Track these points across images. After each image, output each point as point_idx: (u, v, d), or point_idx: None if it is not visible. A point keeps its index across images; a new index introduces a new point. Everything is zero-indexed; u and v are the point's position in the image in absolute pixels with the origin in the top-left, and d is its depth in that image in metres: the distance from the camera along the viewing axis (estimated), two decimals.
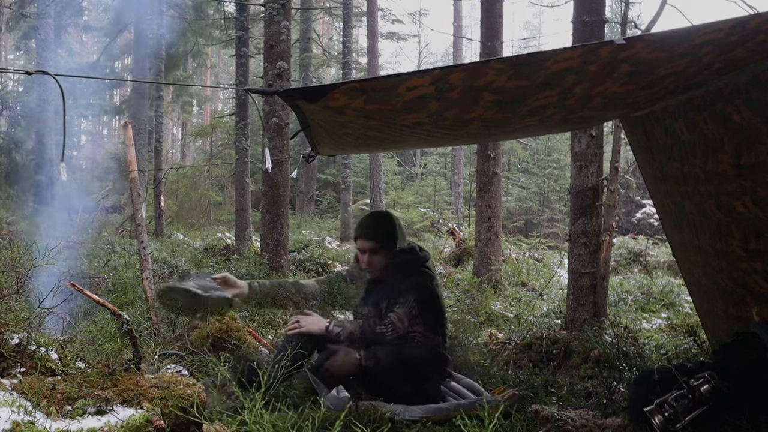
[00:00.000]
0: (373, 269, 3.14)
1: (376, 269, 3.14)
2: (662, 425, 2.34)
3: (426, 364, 3.01)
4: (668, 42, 2.13)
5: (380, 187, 17.74)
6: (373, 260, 3.13)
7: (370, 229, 3.17)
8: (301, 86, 12.15)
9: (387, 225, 3.19)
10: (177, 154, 31.89)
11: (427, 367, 3.01)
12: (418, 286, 3.03)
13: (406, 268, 3.10)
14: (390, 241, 3.14)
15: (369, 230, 3.17)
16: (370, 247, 3.12)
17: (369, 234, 3.15)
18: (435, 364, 3.07)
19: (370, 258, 3.13)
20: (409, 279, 3.05)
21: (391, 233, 3.16)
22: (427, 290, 3.06)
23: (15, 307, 2.25)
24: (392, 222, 3.21)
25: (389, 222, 3.21)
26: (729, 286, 3.31)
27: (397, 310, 2.94)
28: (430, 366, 3.04)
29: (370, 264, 3.13)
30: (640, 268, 11.08)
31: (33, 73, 2.73)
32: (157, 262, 7.37)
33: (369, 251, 3.13)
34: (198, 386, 2.06)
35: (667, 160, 3.49)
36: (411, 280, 3.04)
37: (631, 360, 3.95)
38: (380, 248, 3.12)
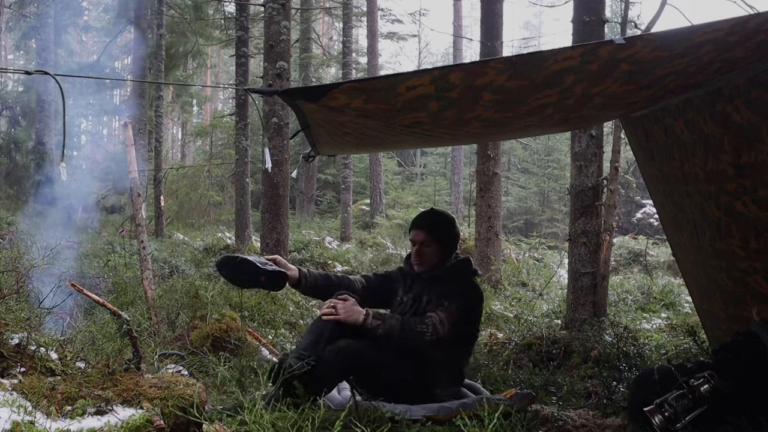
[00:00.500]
0: (422, 262, 3.07)
1: (425, 263, 3.07)
2: (662, 425, 2.34)
3: (444, 370, 2.98)
4: (668, 42, 2.13)
5: (380, 187, 17.75)
6: (423, 252, 3.07)
7: (427, 221, 3.14)
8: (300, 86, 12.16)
9: (444, 222, 3.16)
10: (177, 154, 31.89)
11: (444, 374, 2.99)
12: (466, 296, 2.98)
13: (457, 275, 3.06)
14: (443, 238, 3.10)
15: (425, 222, 3.13)
16: (422, 239, 3.07)
17: (424, 225, 3.11)
18: (453, 374, 3.06)
19: (420, 249, 3.07)
20: (458, 286, 3.00)
21: (446, 230, 3.12)
22: (472, 302, 3.02)
23: (15, 307, 2.25)
24: (450, 221, 3.19)
25: (447, 220, 3.18)
26: (729, 286, 3.31)
27: (440, 312, 2.85)
28: (448, 374, 3.02)
29: (420, 255, 3.07)
30: (640, 268, 11.09)
31: (33, 73, 2.72)
32: (157, 262, 7.37)
33: (421, 243, 3.08)
34: (198, 386, 2.06)
35: (667, 160, 3.49)
36: (460, 287, 2.99)
37: (631, 360, 3.95)
38: (432, 242, 3.07)
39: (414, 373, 2.87)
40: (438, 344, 2.80)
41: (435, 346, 2.80)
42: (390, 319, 2.85)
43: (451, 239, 3.14)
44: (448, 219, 3.20)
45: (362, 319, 2.80)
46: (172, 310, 4.51)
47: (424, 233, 3.08)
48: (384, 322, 2.82)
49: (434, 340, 2.78)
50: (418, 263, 3.09)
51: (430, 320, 2.82)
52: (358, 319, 2.80)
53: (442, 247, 3.09)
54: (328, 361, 2.73)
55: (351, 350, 2.77)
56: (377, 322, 2.81)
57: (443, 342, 2.81)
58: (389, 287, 3.23)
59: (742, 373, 2.53)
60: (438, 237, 3.09)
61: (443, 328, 2.80)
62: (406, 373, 2.85)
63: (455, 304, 2.90)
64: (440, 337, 2.79)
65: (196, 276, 6.50)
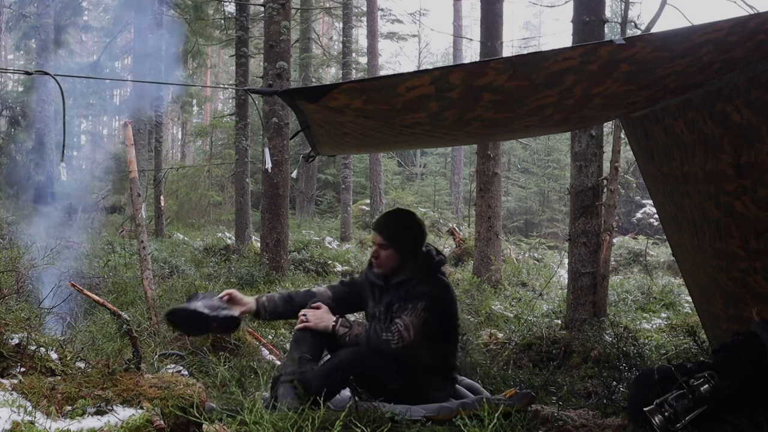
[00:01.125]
0: (381, 265, 3.03)
1: (383, 266, 3.02)
2: (662, 425, 2.34)
3: (432, 371, 2.96)
4: (668, 42, 2.13)
5: (380, 187, 17.74)
6: (380, 255, 3.01)
7: (384, 223, 3.09)
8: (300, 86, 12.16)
9: (401, 224, 3.07)
10: (177, 154, 31.88)
11: (433, 375, 2.96)
12: (429, 294, 2.91)
13: (419, 273, 2.99)
14: (402, 240, 3.02)
15: (382, 224, 3.07)
16: (379, 242, 3.02)
17: (381, 227, 3.06)
18: (443, 371, 3.03)
19: (377, 251, 3.02)
20: (421, 285, 2.94)
21: (404, 232, 3.04)
22: (437, 299, 2.94)
23: (15, 307, 2.25)
24: (409, 221, 3.09)
25: (406, 221, 3.09)
26: (729, 286, 3.31)
27: (405, 317, 2.80)
28: (437, 373, 2.99)
29: (377, 258, 3.03)
30: (640, 268, 11.09)
31: (33, 73, 2.73)
32: (157, 262, 7.37)
33: (379, 245, 3.02)
34: (198, 386, 2.06)
35: (666, 160, 3.49)
36: (423, 287, 2.93)
37: (631, 360, 3.95)
38: (388, 245, 3.00)
39: (408, 376, 2.86)
40: (406, 350, 2.76)
41: (403, 352, 2.76)
42: (357, 326, 2.85)
43: (410, 242, 3.03)
44: (407, 220, 3.09)
45: (332, 326, 2.82)
46: None
47: (380, 236, 3.02)
48: (351, 329, 2.82)
49: (401, 347, 2.74)
50: (377, 265, 3.04)
51: (395, 327, 2.77)
52: (328, 326, 2.82)
53: (400, 250, 3.00)
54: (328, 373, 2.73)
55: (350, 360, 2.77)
56: (345, 330, 2.82)
57: (411, 347, 2.77)
58: (358, 294, 3.18)
59: (742, 373, 2.53)
60: (393, 240, 3.00)
61: (409, 333, 2.75)
62: (402, 376, 2.84)
63: (420, 305, 2.84)
64: (407, 343, 2.75)
65: (196, 276, 6.50)
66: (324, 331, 2.83)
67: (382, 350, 2.76)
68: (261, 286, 6.45)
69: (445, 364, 3.04)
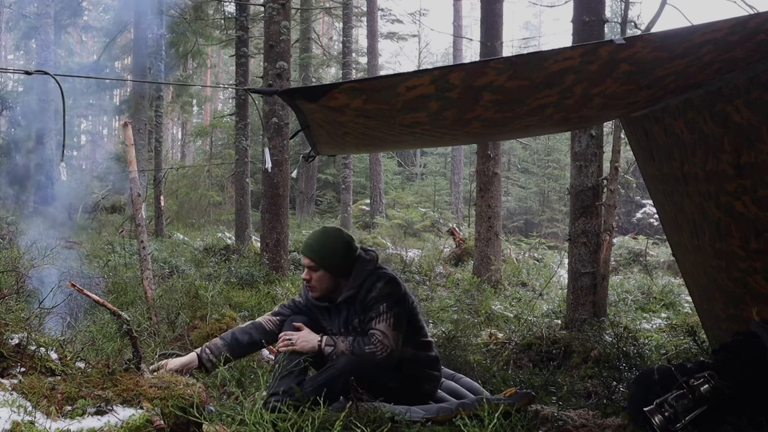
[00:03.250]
0: (314, 288, 2.97)
1: (317, 289, 2.97)
2: (662, 425, 2.34)
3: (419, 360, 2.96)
4: (668, 42, 2.13)
5: (380, 187, 17.75)
6: (312, 277, 2.96)
7: (311, 246, 2.98)
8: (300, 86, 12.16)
9: (328, 243, 2.98)
10: (177, 154, 31.89)
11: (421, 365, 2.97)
12: (385, 293, 2.86)
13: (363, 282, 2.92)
14: (331, 261, 2.94)
15: (309, 247, 2.98)
16: (308, 264, 2.96)
17: (308, 251, 2.97)
18: (423, 366, 3.01)
19: (309, 275, 2.96)
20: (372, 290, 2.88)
21: (331, 253, 2.96)
22: (393, 294, 2.89)
23: (15, 307, 2.25)
24: (335, 240, 3.00)
25: (331, 241, 3.00)
26: (729, 286, 3.31)
27: (378, 326, 2.77)
28: (423, 362, 2.99)
29: (309, 281, 2.96)
30: (640, 268, 11.09)
31: (33, 73, 2.72)
32: (157, 262, 7.38)
33: (308, 268, 2.97)
34: (198, 386, 2.06)
35: (666, 160, 3.49)
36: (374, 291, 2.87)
37: (631, 360, 3.95)
38: (319, 267, 2.94)
39: (402, 372, 2.87)
40: (391, 357, 2.76)
41: (389, 359, 2.76)
42: (341, 342, 2.81)
43: (339, 262, 2.96)
44: (332, 240, 3.00)
45: (318, 345, 2.80)
46: (172, 310, 4.50)
47: (308, 259, 2.96)
48: (336, 347, 2.79)
49: (386, 356, 2.73)
50: (310, 289, 2.99)
51: (374, 338, 2.75)
52: (314, 347, 2.80)
53: (331, 271, 2.94)
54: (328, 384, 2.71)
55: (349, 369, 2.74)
56: (330, 348, 2.79)
57: (395, 351, 2.77)
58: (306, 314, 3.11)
59: (742, 373, 2.53)
60: (322, 262, 2.94)
61: (388, 340, 2.74)
62: (397, 373, 2.85)
63: (382, 307, 2.81)
64: (391, 350, 2.74)
65: (196, 276, 6.50)
66: (310, 352, 2.80)
67: (369, 363, 2.74)
68: (261, 286, 6.45)
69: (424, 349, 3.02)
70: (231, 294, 5.51)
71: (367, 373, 2.75)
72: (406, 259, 9.81)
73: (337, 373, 2.75)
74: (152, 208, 13.06)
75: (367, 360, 2.73)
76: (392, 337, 2.75)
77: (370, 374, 2.76)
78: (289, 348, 2.82)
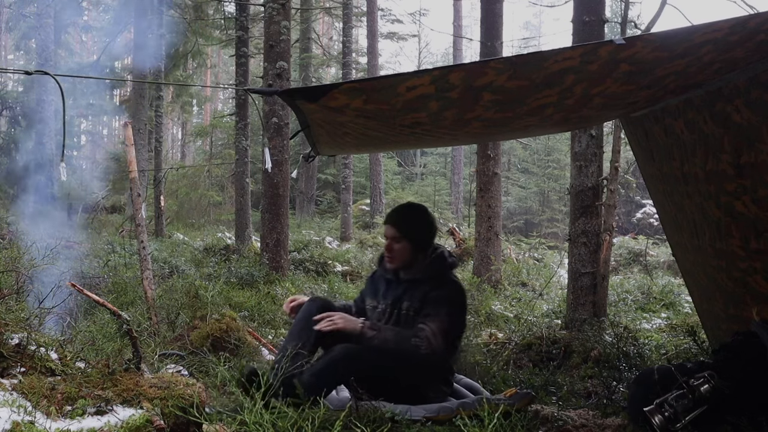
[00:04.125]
0: (394, 259, 3.02)
1: (396, 259, 3.02)
2: (662, 425, 2.34)
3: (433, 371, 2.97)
4: (668, 42, 2.13)
5: (380, 187, 17.75)
6: (393, 248, 3.01)
7: (397, 216, 3.07)
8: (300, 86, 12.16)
9: (415, 217, 3.07)
10: (177, 154, 31.89)
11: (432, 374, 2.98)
12: (449, 299, 2.94)
13: (437, 275, 3.00)
14: (414, 234, 3.02)
15: (395, 217, 3.06)
16: (392, 235, 3.02)
17: (393, 220, 3.05)
18: (441, 372, 3.04)
19: (391, 245, 3.02)
20: (439, 289, 2.94)
21: (417, 226, 3.04)
22: (457, 304, 2.97)
23: (15, 307, 2.25)
24: (422, 216, 3.09)
25: (419, 215, 3.09)
26: (729, 286, 3.31)
27: (430, 324, 2.80)
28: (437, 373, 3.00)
29: (390, 251, 3.02)
30: (640, 268, 11.08)
31: (33, 73, 2.73)
32: (157, 262, 7.37)
33: (391, 239, 3.02)
34: (198, 386, 2.06)
35: (666, 160, 3.49)
36: (441, 290, 2.94)
37: (631, 360, 3.95)
38: (402, 238, 3.00)
39: (406, 374, 2.87)
40: (434, 355, 2.79)
41: (431, 357, 2.79)
42: (386, 330, 2.85)
43: (423, 235, 3.05)
44: (420, 213, 3.10)
45: (359, 327, 2.82)
46: (172, 310, 4.50)
47: (394, 229, 3.02)
48: (380, 332, 2.82)
49: (429, 353, 2.76)
50: (389, 259, 3.04)
51: (423, 333, 2.77)
52: (356, 328, 2.82)
53: (413, 243, 3.01)
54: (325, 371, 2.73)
55: (345, 356, 2.76)
56: (372, 332, 2.81)
57: (438, 353, 2.80)
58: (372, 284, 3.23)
59: (742, 373, 2.53)
60: (407, 233, 3.00)
61: (436, 340, 2.77)
62: (400, 375, 2.85)
63: (442, 311, 2.85)
64: (435, 349, 2.77)
65: (196, 276, 6.49)
66: (351, 332, 2.81)
67: (410, 355, 2.77)
68: (261, 286, 6.45)
69: (443, 366, 3.04)
70: (231, 294, 5.51)
71: (364, 362, 2.76)
72: None
73: (333, 360, 2.76)
74: (152, 208, 13.06)
75: (409, 352, 2.77)
76: (440, 340, 2.79)
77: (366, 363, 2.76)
78: (331, 327, 2.81)
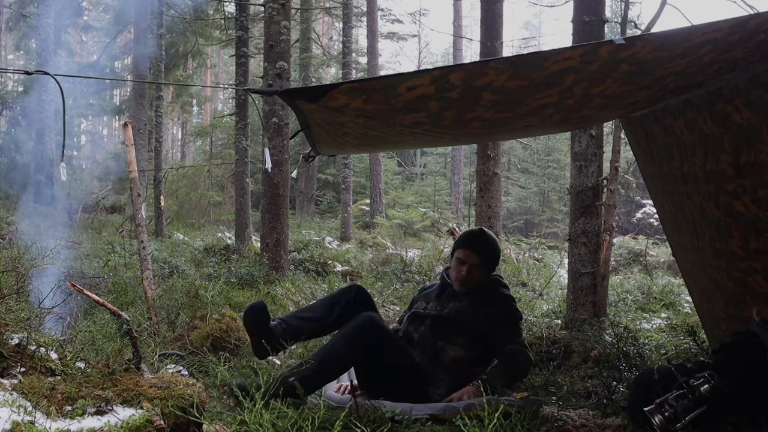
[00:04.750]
0: (467, 284, 3.16)
1: (469, 284, 3.16)
2: (662, 425, 2.34)
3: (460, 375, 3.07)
4: (668, 42, 2.13)
5: (380, 187, 17.75)
6: (472, 274, 3.15)
7: (479, 243, 3.21)
8: (300, 86, 12.16)
9: (494, 245, 3.26)
10: (177, 154, 31.89)
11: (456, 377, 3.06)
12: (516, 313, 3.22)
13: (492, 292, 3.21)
14: (493, 263, 3.25)
15: (478, 245, 3.21)
16: (475, 262, 3.15)
17: (476, 248, 3.19)
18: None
19: (470, 272, 3.15)
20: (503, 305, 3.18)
21: (495, 254, 3.25)
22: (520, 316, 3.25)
23: (15, 307, 2.25)
24: (497, 244, 3.31)
25: (495, 243, 3.29)
26: (729, 286, 3.31)
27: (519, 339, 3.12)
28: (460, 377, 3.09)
29: (468, 277, 3.15)
30: (640, 268, 11.08)
31: (33, 73, 2.73)
32: (157, 262, 7.37)
33: (471, 266, 3.15)
34: (198, 386, 2.06)
35: (666, 160, 3.49)
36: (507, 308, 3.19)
37: (631, 360, 3.94)
38: (482, 266, 3.18)
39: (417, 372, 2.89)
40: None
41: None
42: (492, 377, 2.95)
43: (496, 261, 3.28)
44: (495, 242, 3.30)
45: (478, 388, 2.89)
46: (172, 310, 4.50)
47: (476, 256, 3.16)
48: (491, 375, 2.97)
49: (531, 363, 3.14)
50: (464, 283, 3.17)
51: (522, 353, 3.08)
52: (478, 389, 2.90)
53: (489, 268, 3.23)
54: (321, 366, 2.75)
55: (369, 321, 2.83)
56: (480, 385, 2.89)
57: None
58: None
59: (742, 373, 2.53)
60: (488, 262, 3.21)
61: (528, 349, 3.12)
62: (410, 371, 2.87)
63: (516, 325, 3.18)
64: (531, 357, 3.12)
65: (196, 276, 6.49)
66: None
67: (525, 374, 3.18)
68: (261, 286, 6.45)
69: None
70: (231, 294, 5.50)
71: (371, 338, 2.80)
72: (406, 259, 9.80)
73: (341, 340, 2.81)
74: (152, 208, 13.06)
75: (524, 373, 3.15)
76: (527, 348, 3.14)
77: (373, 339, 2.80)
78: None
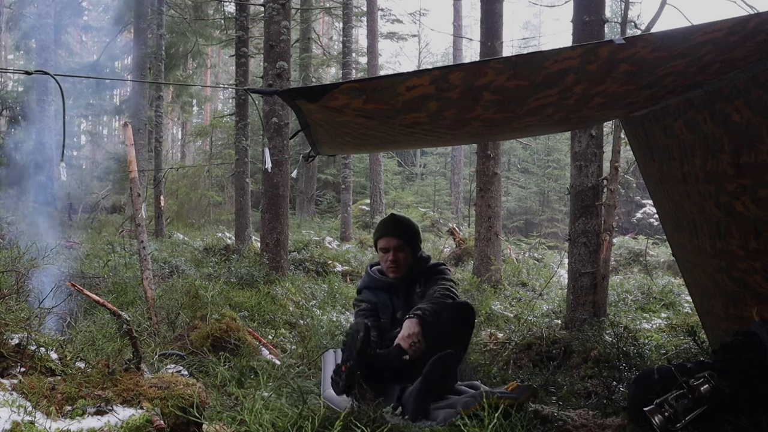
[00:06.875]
0: (398, 268, 3.20)
1: (400, 268, 3.20)
2: (662, 425, 2.34)
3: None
4: (668, 42, 2.13)
5: (380, 187, 17.74)
6: (398, 257, 3.19)
7: (396, 227, 3.27)
8: (300, 86, 12.15)
9: (410, 224, 3.32)
10: (177, 154, 31.88)
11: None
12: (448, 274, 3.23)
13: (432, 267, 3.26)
14: (414, 238, 3.27)
15: (395, 228, 3.26)
16: (396, 245, 3.20)
17: (394, 231, 3.24)
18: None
19: (396, 255, 3.20)
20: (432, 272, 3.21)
21: (414, 233, 3.29)
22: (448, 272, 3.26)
23: (15, 307, 2.25)
24: (413, 223, 3.37)
25: (411, 221, 3.35)
26: (729, 286, 3.31)
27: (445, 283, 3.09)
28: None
29: (396, 262, 3.19)
30: (640, 268, 11.08)
31: (33, 73, 2.72)
32: (157, 262, 7.37)
33: (395, 249, 3.20)
34: (198, 386, 2.06)
35: (666, 160, 3.49)
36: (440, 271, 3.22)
37: (631, 360, 3.95)
38: (406, 245, 3.21)
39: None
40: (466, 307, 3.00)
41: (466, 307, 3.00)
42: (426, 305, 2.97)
43: (419, 240, 3.33)
44: (410, 220, 3.37)
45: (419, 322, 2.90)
46: (172, 310, 4.50)
47: (396, 239, 3.22)
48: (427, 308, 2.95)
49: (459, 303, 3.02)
50: (394, 270, 3.22)
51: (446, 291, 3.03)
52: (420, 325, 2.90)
53: (413, 248, 3.26)
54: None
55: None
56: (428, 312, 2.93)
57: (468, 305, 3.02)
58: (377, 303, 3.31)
59: (742, 373, 2.53)
60: (409, 240, 3.24)
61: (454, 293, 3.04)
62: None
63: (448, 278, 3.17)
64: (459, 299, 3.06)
65: (196, 276, 6.49)
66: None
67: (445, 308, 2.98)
68: (261, 286, 6.45)
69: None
70: (231, 294, 5.50)
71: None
72: None
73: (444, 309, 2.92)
74: (152, 208, 13.05)
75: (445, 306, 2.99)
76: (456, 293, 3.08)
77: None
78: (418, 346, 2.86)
